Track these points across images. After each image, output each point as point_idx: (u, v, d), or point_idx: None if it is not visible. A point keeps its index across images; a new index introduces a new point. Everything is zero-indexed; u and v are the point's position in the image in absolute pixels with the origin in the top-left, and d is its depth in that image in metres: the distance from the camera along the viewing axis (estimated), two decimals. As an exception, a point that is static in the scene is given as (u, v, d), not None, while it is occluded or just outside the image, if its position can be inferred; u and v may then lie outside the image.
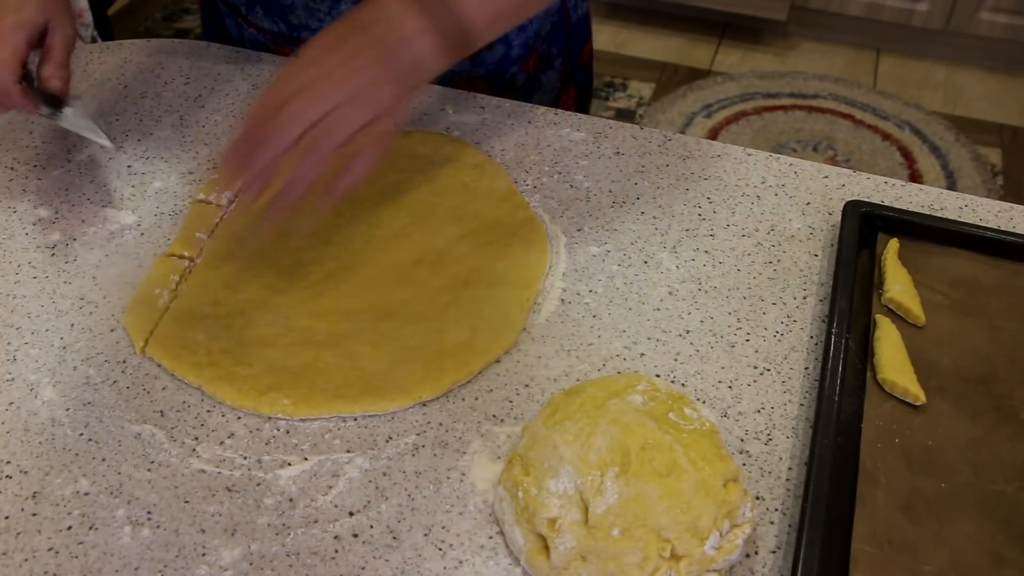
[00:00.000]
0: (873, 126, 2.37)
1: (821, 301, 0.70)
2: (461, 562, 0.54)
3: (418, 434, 0.61)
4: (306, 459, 0.60)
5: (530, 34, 0.92)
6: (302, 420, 0.62)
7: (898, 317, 0.68)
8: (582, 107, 1.05)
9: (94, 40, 2.02)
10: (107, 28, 2.18)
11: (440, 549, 0.55)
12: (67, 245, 0.74)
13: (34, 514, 0.57)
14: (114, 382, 0.64)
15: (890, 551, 0.53)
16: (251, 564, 0.54)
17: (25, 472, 0.59)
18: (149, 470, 0.59)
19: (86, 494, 0.57)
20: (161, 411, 0.62)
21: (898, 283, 0.69)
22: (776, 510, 0.57)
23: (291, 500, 0.57)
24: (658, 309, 0.70)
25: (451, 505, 0.57)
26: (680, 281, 0.72)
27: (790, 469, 0.60)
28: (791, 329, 0.68)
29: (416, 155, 0.81)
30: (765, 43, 2.66)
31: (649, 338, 0.67)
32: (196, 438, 0.61)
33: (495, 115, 0.86)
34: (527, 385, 0.64)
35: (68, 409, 0.62)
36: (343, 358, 0.65)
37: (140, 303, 0.69)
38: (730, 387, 0.64)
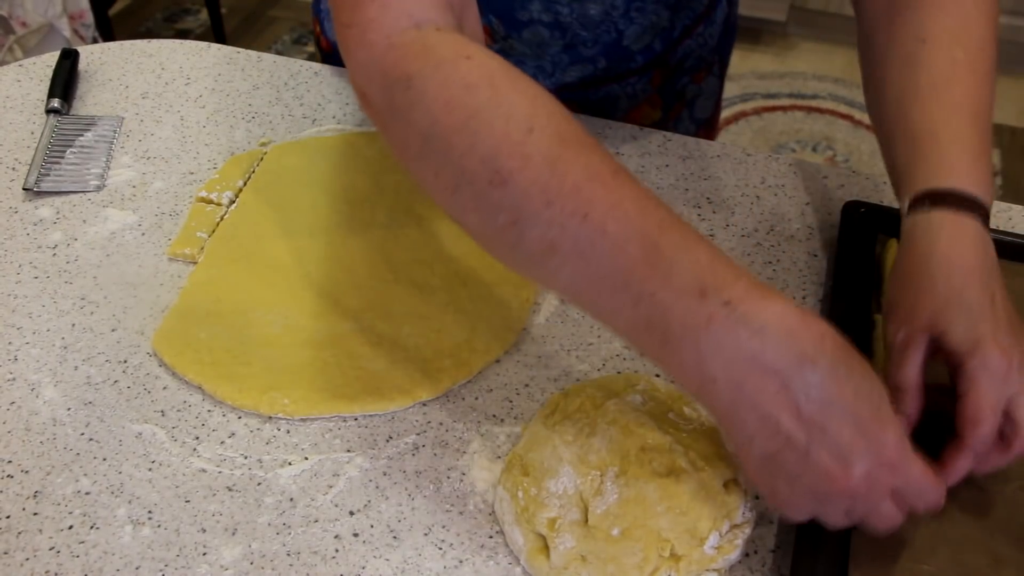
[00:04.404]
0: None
1: (821, 301, 0.70)
2: (461, 561, 0.55)
3: (418, 434, 0.61)
4: (306, 459, 0.60)
5: (707, 50, 0.91)
6: (302, 420, 0.62)
7: (898, 317, 0.68)
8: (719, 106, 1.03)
9: (94, 40, 2.02)
10: (108, 28, 2.19)
11: (440, 548, 0.55)
12: (68, 245, 0.74)
13: (35, 513, 0.57)
14: (115, 382, 0.64)
15: (890, 551, 0.53)
16: (252, 563, 0.54)
17: (26, 471, 0.59)
18: (150, 469, 0.59)
19: (87, 493, 0.58)
20: (162, 411, 0.62)
21: (898, 283, 0.68)
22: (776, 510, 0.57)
23: (292, 499, 0.57)
24: (658, 309, 0.69)
25: (451, 505, 0.57)
26: (680, 281, 0.72)
27: (790, 469, 0.59)
28: (791, 329, 0.68)
29: (416, 155, 0.81)
30: (764, 43, 2.66)
31: (649, 338, 0.67)
32: (197, 438, 0.61)
33: (495, 115, 0.86)
34: (527, 385, 0.64)
35: (69, 409, 0.62)
36: (343, 358, 0.65)
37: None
38: (730, 387, 0.64)
